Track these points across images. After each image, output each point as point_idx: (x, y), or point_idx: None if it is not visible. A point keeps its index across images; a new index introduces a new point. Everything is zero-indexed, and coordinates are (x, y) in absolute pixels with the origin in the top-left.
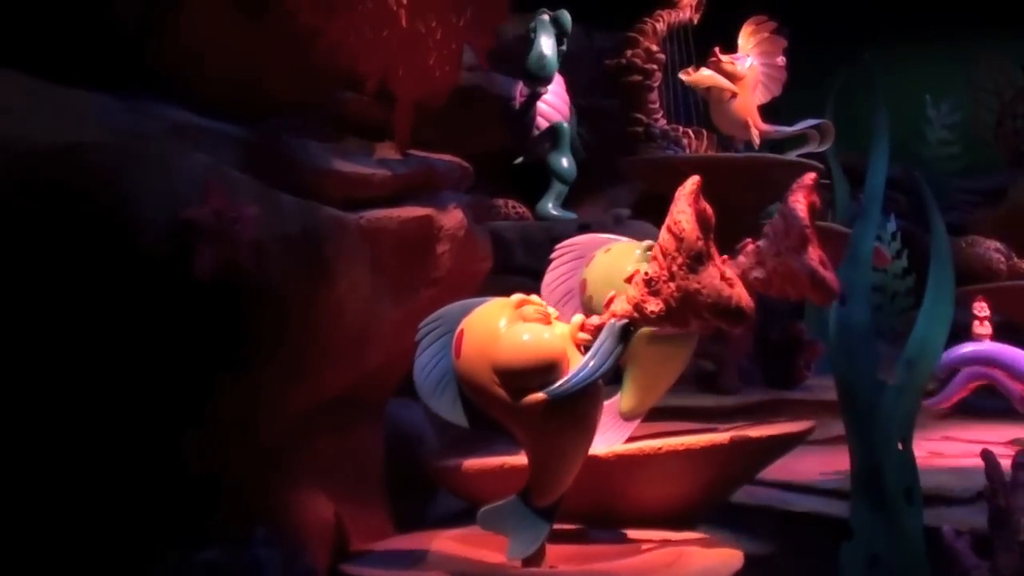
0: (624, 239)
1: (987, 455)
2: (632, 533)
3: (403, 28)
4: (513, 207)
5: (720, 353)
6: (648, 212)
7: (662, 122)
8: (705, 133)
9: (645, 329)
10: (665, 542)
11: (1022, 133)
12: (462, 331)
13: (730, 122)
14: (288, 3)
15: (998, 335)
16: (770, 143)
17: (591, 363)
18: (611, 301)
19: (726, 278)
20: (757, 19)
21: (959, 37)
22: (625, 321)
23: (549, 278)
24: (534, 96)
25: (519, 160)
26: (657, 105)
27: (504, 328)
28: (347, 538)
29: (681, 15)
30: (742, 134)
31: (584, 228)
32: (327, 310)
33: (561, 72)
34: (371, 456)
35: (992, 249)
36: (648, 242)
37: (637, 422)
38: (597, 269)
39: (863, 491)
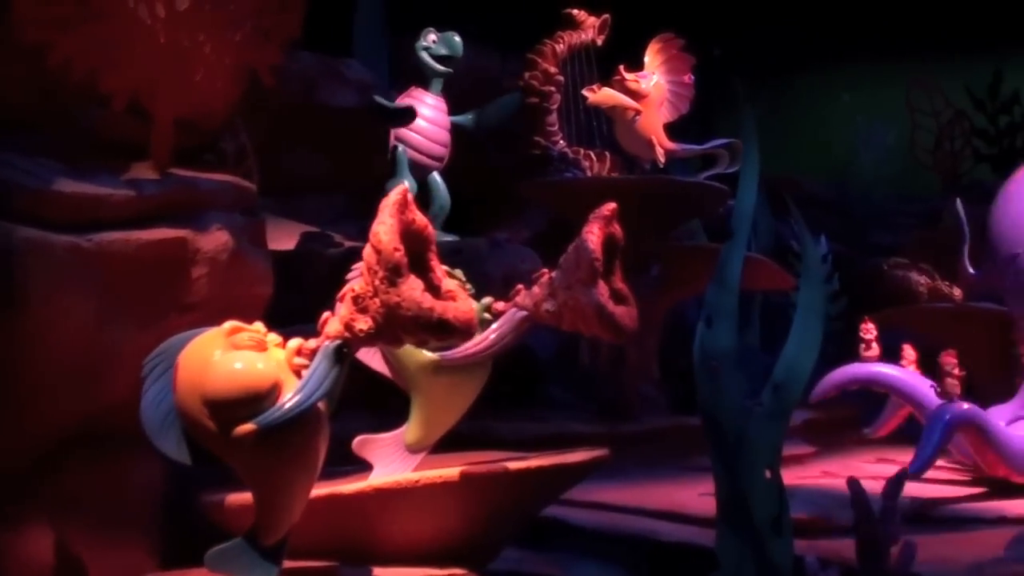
0: None
1: (853, 484)
2: (387, 571)
3: (160, 43)
4: None
5: (619, 378)
6: (562, 234)
7: (561, 144)
8: (608, 155)
9: (429, 356)
10: None
11: (959, 155)
12: (177, 364)
13: (634, 141)
14: (14, 16)
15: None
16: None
17: (303, 390)
18: (325, 323)
19: (440, 291)
20: (664, 36)
21: (895, 59)
22: (339, 342)
23: None
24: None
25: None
26: (556, 127)
27: (216, 358)
28: None
29: (583, 36)
30: (647, 153)
31: (456, 252)
32: (23, 338)
33: (444, 94)
34: (136, 490)
35: (914, 271)
36: None
37: (422, 455)
38: None
39: (729, 521)
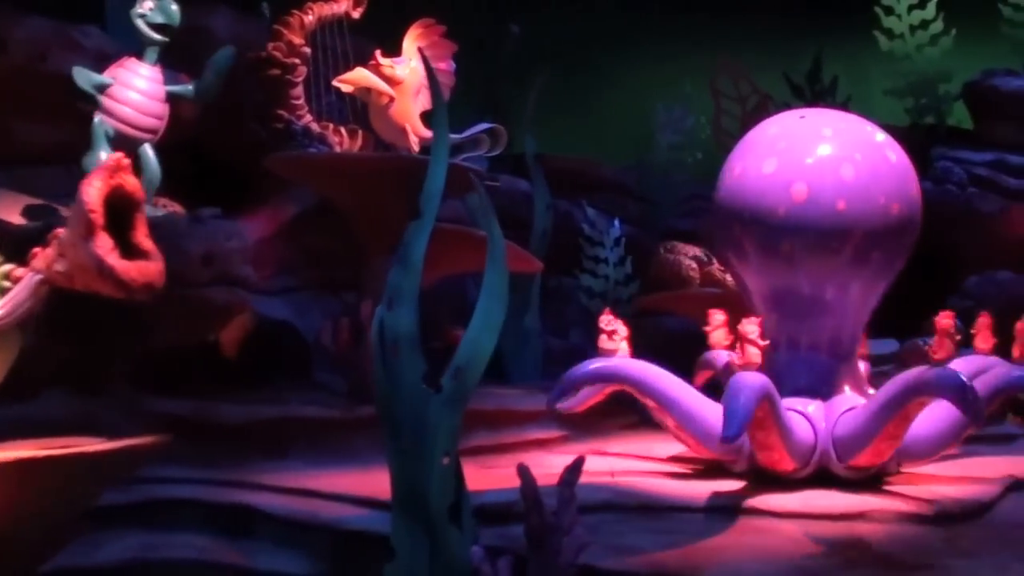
0: None
1: (522, 470)
2: None
3: None
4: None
5: (356, 358)
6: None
7: (307, 119)
8: (360, 132)
9: None
10: None
11: None
12: None
13: (388, 128)
14: None
15: None
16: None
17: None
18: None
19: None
20: (424, 22)
21: (699, 42)
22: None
23: None
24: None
25: None
26: (301, 101)
27: None
28: None
29: (336, 9)
30: (401, 141)
31: (153, 228)
32: None
33: (163, 64)
34: None
35: (688, 256)
36: None
37: None
38: None
39: (404, 509)
